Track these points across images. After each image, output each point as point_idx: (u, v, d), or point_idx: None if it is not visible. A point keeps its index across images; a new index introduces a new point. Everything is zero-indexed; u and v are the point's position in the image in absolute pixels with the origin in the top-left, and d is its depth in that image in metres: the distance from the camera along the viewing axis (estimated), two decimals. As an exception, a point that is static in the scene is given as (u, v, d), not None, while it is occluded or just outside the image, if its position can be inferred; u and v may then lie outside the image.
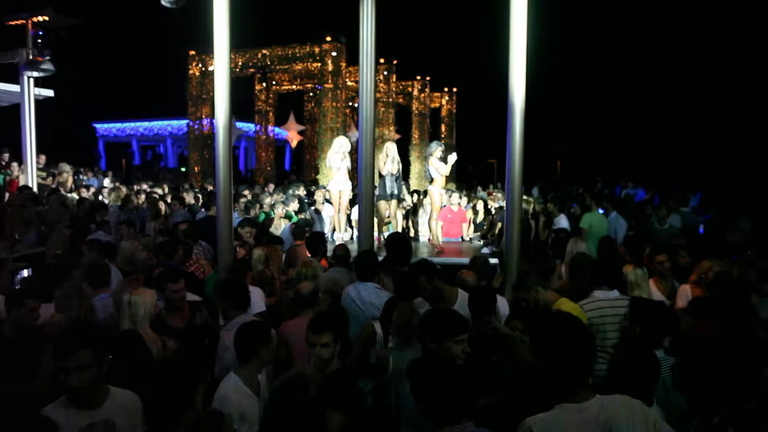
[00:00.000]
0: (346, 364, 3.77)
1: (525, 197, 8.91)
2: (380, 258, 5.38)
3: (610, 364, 3.02)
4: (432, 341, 3.15)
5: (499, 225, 8.46)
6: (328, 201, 10.96)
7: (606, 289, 4.34)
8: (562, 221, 8.58)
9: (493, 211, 10.28)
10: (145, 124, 34.34)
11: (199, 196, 11.79)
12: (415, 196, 11.09)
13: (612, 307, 4.20)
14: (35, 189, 11.63)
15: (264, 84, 20.12)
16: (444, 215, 9.42)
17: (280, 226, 8.99)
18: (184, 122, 21.85)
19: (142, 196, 11.81)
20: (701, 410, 2.75)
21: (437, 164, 8.19)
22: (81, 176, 15.49)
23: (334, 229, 9.84)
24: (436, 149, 8.30)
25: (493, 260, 7.18)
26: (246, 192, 11.08)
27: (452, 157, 8.24)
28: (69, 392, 2.65)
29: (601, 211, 8.78)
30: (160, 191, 13.62)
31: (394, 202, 9.01)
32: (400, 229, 9.09)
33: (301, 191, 12.98)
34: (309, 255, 6.48)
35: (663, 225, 8.57)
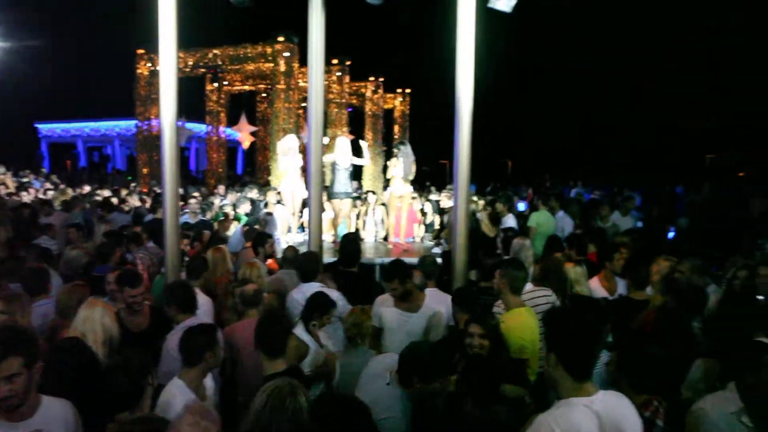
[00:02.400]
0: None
1: (474, 197, 9.08)
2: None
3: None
4: (418, 381, 3.04)
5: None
6: (280, 202, 10.90)
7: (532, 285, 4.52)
8: (510, 220, 8.76)
9: (446, 211, 10.43)
10: (92, 124, 33.26)
11: (145, 198, 11.53)
12: (370, 196, 11.12)
13: (530, 299, 4.37)
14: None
15: (215, 84, 19.80)
16: (396, 216, 9.49)
17: (230, 229, 8.88)
18: (132, 123, 21.31)
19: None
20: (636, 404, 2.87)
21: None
22: (21, 178, 14.91)
23: (289, 230, 9.80)
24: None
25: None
26: (195, 194, 10.90)
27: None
28: None
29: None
30: (107, 193, 13.26)
31: (348, 200, 9.03)
32: (353, 229, 9.11)
33: (254, 193, 12.85)
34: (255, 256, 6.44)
35: (606, 223, 8.86)
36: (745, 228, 9.29)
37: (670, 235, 9.65)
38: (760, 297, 4.85)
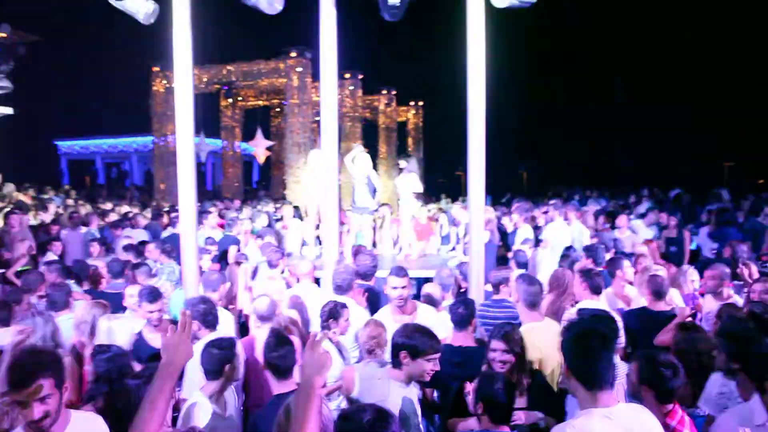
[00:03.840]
0: None
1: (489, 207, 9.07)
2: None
3: None
4: (407, 357, 3.25)
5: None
6: (296, 216, 10.96)
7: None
8: (527, 231, 8.73)
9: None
10: (110, 141, 33.78)
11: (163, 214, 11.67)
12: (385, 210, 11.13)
13: None
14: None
15: (230, 100, 20.04)
16: (413, 228, 9.51)
17: (248, 243, 8.94)
18: (149, 139, 21.61)
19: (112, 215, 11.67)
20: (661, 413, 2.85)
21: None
22: (41, 194, 15.16)
23: (303, 244, 9.84)
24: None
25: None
26: (212, 209, 11.01)
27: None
28: (27, 424, 2.53)
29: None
30: (125, 209, 13.44)
31: (366, 216, 9.07)
32: (369, 243, 9.14)
33: (270, 207, 12.95)
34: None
35: (623, 234, 8.80)
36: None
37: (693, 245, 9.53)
38: None
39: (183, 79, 5.95)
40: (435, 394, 4.10)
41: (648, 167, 21.99)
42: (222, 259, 8.07)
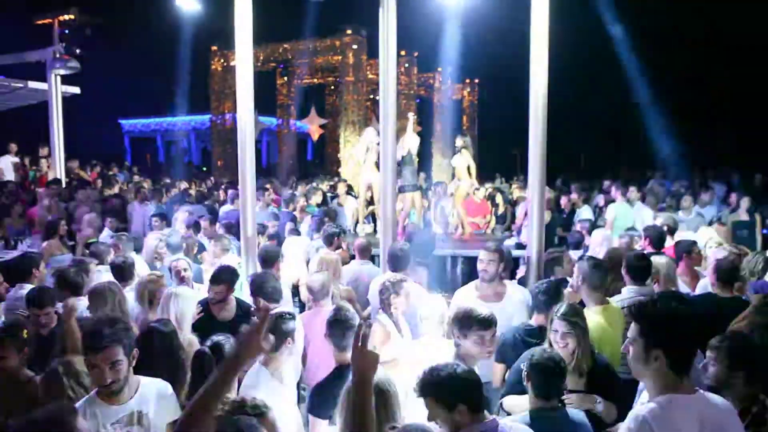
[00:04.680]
0: None
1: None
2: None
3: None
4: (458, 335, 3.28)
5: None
6: (350, 194, 11.03)
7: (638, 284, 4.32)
8: (586, 212, 8.51)
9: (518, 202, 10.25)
10: (169, 119, 34.71)
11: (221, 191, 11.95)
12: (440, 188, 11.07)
13: None
14: (63, 184, 11.89)
15: (285, 78, 20.23)
16: (467, 207, 9.42)
17: (303, 219, 9.07)
18: (207, 117, 22.09)
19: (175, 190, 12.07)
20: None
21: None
22: (107, 172, 15.77)
23: (357, 222, 9.91)
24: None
25: (519, 252, 7.16)
26: (267, 186, 11.19)
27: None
28: (100, 388, 2.71)
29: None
30: (184, 185, 13.85)
31: (417, 193, 9.06)
32: (421, 221, 9.13)
33: (324, 185, 13.06)
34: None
35: (689, 215, 8.45)
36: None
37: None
38: None
39: (243, 57, 6.04)
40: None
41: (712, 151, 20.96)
42: (278, 235, 8.21)
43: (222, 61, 18.64)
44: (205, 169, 23.54)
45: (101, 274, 5.23)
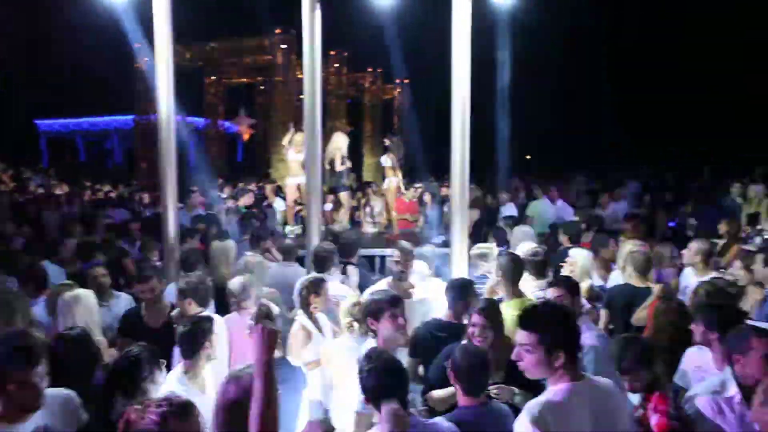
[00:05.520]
0: None
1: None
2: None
3: None
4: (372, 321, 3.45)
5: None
6: (279, 195, 10.92)
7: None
8: (509, 209, 8.78)
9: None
10: (90, 119, 33.22)
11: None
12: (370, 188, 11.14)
13: None
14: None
15: (213, 77, 19.74)
16: (397, 206, 9.53)
17: (229, 222, 8.89)
18: (130, 117, 21.29)
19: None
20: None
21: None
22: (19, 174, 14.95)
23: (285, 223, 9.84)
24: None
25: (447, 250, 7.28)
26: (194, 188, 10.92)
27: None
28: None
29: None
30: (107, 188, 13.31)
31: (346, 192, 9.10)
32: (347, 221, 9.18)
33: (253, 186, 12.87)
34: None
35: (605, 211, 8.88)
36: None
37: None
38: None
39: (163, 55, 5.88)
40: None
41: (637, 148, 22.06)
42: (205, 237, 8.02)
43: (146, 59, 17.98)
44: (129, 171, 22.68)
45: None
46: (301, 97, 17.51)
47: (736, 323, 3.21)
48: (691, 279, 5.33)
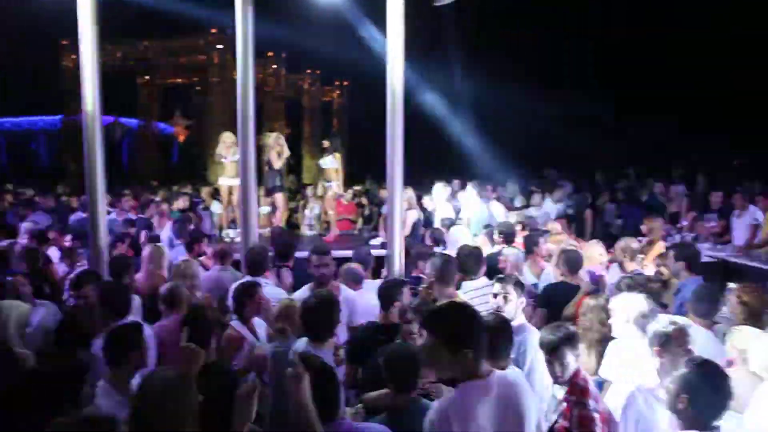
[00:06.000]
0: None
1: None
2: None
3: None
4: None
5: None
6: (216, 198, 10.70)
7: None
8: (446, 210, 8.91)
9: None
10: (13, 119, 31.52)
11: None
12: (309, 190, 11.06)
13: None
14: None
15: (147, 77, 19.15)
16: (336, 208, 9.50)
17: (164, 225, 8.64)
18: (58, 117, 20.42)
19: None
20: None
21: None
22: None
23: (221, 227, 9.67)
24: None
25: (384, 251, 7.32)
26: (127, 191, 10.56)
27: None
28: None
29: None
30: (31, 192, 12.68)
31: (280, 194, 9.00)
32: (284, 223, 9.09)
33: (188, 189, 12.56)
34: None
35: (538, 211, 9.16)
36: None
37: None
38: None
39: (88, 53, 5.66)
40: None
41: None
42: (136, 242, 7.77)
43: (74, 56, 17.24)
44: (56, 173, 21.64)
45: None
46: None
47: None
48: (617, 275, 5.57)
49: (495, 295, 3.98)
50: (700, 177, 11.77)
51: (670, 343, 3.12)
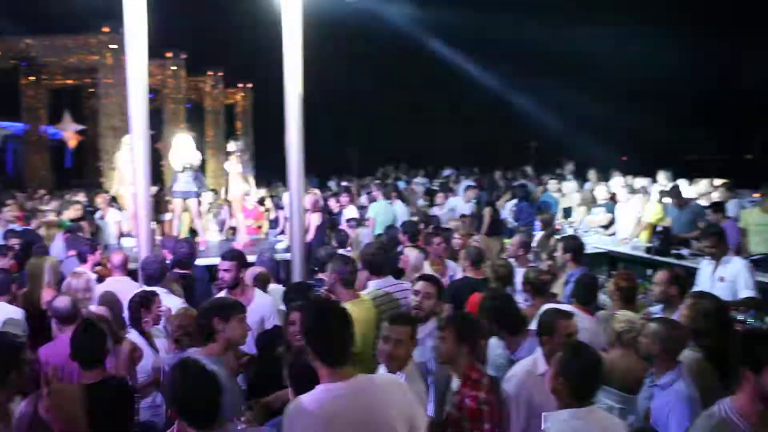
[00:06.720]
0: None
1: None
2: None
3: None
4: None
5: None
6: (113, 206, 10.22)
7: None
8: (351, 211, 8.99)
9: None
10: None
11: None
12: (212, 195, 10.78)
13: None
14: None
15: (32, 77, 17.83)
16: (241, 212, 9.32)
17: (52, 237, 8.12)
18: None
19: None
20: None
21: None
22: None
23: (121, 235, 9.27)
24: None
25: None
26: (10, 201, 9.81)
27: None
28: None
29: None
30: None
31: (191, 200, 8.71)
32: (188, 229, 8.82)
33: (81, 197, 11.85)
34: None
35: (442, 210, 9.43)
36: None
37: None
38: None
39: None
40: None
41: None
42: (22, 255, 7.26)
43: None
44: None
45: None
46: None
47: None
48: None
49: (416, 293, 4.08)
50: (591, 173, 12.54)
51: (554, 330, 3.35)
